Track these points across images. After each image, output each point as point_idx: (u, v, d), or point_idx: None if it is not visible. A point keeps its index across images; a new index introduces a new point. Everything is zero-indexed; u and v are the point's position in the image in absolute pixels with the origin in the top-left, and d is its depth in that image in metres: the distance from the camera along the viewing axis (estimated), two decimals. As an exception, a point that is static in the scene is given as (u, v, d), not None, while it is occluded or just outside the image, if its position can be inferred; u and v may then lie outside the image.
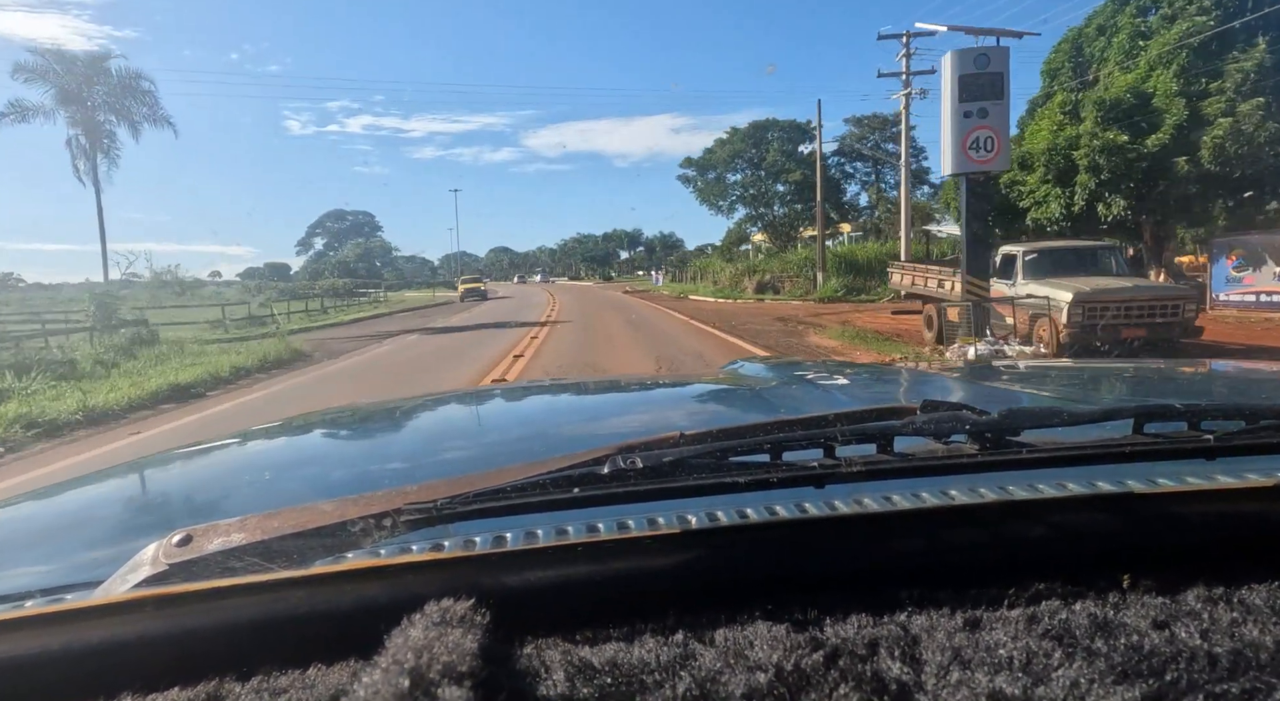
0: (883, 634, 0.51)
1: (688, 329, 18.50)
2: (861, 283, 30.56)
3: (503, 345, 15.11)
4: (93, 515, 1.02)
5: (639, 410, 1.61)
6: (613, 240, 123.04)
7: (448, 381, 10.32)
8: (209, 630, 0.51)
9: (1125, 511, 0.66)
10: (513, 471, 0.61)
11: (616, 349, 14.50)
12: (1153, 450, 0.67)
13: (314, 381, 11.60)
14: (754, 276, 37.63)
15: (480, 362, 12.21)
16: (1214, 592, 0.55)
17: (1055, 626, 0.51)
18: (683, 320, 21.25)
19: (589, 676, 0.47)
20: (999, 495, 0.68)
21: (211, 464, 1.29)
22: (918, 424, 0.67)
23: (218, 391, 10.84)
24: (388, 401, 1.94)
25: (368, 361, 14.05)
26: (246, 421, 2.01)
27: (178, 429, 7.97)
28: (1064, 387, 1.63)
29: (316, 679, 0.48)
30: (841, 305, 26.21)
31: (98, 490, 1.13)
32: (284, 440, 1.46)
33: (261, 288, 53.02)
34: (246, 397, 10.12)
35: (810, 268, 33.63)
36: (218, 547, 0.55)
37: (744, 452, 0.64)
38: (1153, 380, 1.80)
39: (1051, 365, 3.02)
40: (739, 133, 49.66)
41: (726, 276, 41.12)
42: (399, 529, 0.57)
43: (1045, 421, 0.70)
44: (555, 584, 0.56)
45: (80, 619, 0.51)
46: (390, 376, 11.60)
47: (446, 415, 1.65)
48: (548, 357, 12.72)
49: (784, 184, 49.08)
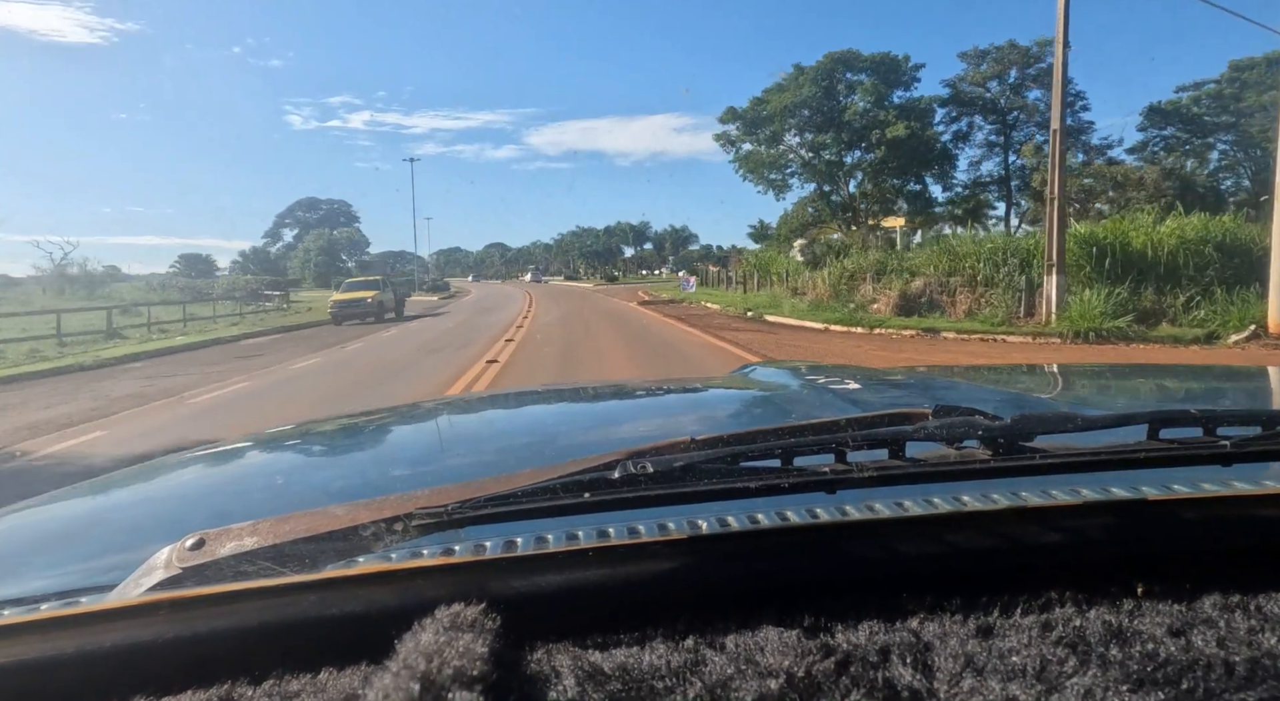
0: (895, 640, 0.51)
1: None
2: (1154, 298, 14.81)
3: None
4: (106, 519, 1.03)
5: (649, 415, 1.59)
6: (616, 234, 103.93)
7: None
8: (222, 633, 0.51)
9: (1140, 517, 0.65)
10: (523, 476, 0.61)
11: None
12: (1168, 456, 0.66)
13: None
14: (894, 283, 19.24)
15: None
16: (1231, 600, 0.55)
17: (1069, 633, 0.51)
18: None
19: (599, 681, 0.47)
20: (1012, 501, 0.67)
21: (224, 468, 1.29)
22: (930, 429, 0.67)
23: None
24: (400, 407, 1.98)
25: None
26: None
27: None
28: (1077, 392, 1.65)
29: (328, 682, 0.48)
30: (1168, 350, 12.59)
31: (111, 494, 1.14)
32: (296, 445, 1.46)
33: (165, 284, 49.84)
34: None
35: (1019, 264, 16.82)
36: (230, 551, 0.55)
37: (755, 458, 0.64)
38: (1167, 385, 1.79)
39: (1065, 368, 2.79)
40: (805, 74, 32.52)
41: (823, 283, 22.29)
42: (410, 533, 0.57)
43: (1059, 426, 0.69)
44: (566, 588, 0.56)
45: (94, 622, 0.51)
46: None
47: (457, 421, 1.64)
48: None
49: (868, 148, 32.54)
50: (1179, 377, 2.01)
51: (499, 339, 16.70)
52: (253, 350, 17.58)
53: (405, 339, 18.76)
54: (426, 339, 18.37)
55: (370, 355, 15.36)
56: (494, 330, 19.64)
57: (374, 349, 16.58)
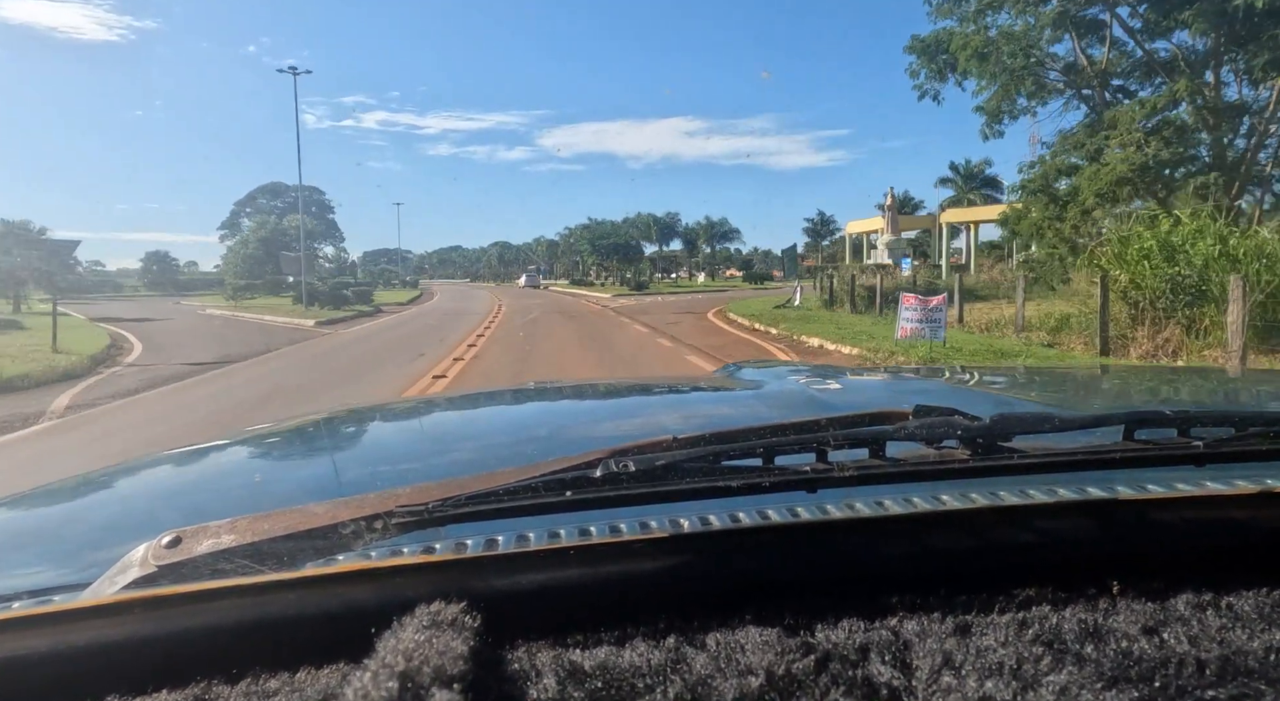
0: (874, 638, 0.51)
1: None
2: None
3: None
4: (82, 516, 1.02)
5: (632, 414, 1.59)
6: (636, 227, 78.94)
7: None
8: (198, 632, 0.50)
9: (1115, 517, 0.66)
10: (505, 474, 0.61)
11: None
12: (1143, 456, 0.67)
13: None
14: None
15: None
16: (1203, 599, 0.55)
17: (1045, 631, 0.51)
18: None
19: (580, 680, 0.47)
20: (990, 500, 0.68)
21: (202, 466, 1.28)
22: (910, 429, 0.67)
23: None
24: (381, 404, 1.97)
25: None
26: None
27: None
28: (1055, 393, 1.66)
29: (306, 681, 0.48)
30: None
31: (86, 492, 1.13)
32: (275, 442, 1.45)
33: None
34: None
35: None
36: (207, 549, 0.55)
37: (736, 456, 0.64)
38: (1145, 386, 1.80)
39: (1046, 370, 2.84)
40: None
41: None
42: (390, 531, 0.57)
43: (1036, 427, 0.70)
44: (547, 587, 0.56)
45: (68, 620, 0.50)
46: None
47: (439, 419, 1.63)
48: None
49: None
50: (1156, 379, 2.04)
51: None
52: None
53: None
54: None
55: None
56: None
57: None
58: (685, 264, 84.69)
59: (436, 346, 16.05)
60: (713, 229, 79.47)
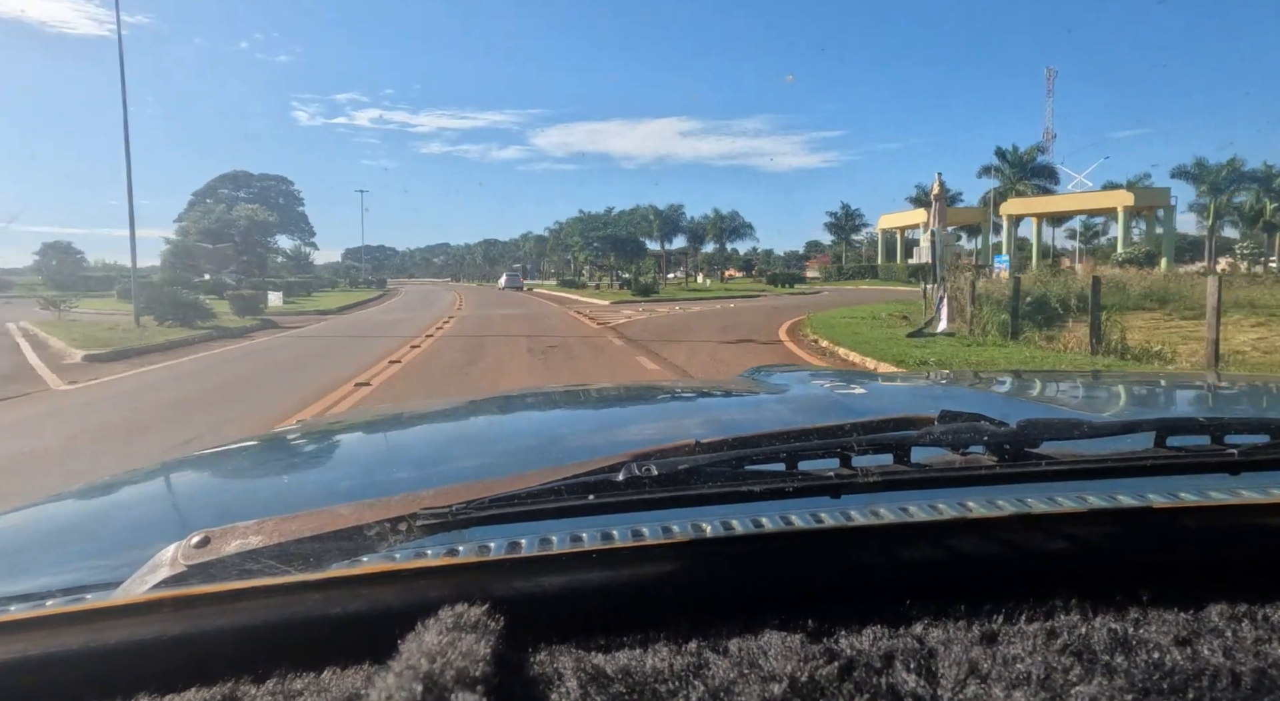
0: (898, 646, 0.50)
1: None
2: None
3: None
4: (113, 516, 1.03)
5: (655, 418, 1.59)
6: (634, 221, 67.37)
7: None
8: (226, 631, 0.51)
9: (1146, 526, 0.65)
10: (528, 478, 0.61)
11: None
12: (1175, 464, 0.66)
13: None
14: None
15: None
16: (1238, 609, 0.54)
17: (1074, 641, 0.51)
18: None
19: (602, 684, 0.47)
20: (1017, 507, 0.67)
21: (230, 467, 1.30)
22: (935, 434, 0.67)
23: None
24: (406, 407, 2.02)
25: None
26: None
27: None
28: (1084, 399, 1.64)
29: (331, 682, 0.48)
30: None
31: (118, 492, 1.14)
32: (302, 444, 1.45)
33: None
34: None
35: None
36: (235, 550, 0.56)
37: (759, 461, 0.64)
38: (1175, 393, 1.78)
39: (1074, 374, 2.72)
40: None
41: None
42: (414, 533, 0.57)
43: (1065, 433, 0.69)
44: (569, 590, 0.56)
45: (99, 618, 0.51)
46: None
47: (463, 422, 1.64)
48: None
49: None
50: (1187, 385, 2.00)
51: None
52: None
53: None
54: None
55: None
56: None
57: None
58: (683, 263, 75.41)
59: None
60: (722, 224, 68.76)
